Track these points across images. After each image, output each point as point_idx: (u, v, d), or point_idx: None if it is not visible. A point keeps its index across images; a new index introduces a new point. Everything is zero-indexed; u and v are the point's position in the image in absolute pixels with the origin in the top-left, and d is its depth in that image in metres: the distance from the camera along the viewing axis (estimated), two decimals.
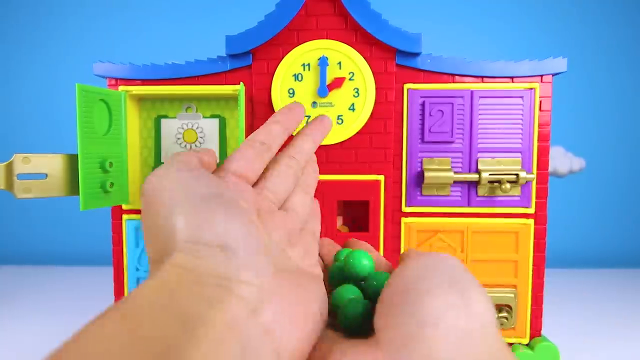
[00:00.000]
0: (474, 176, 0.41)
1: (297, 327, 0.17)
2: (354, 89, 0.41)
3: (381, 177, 0.42)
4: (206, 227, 0.17)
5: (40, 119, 0.86)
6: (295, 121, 0.27)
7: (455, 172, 0.41)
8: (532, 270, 0.42)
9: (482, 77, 0.41)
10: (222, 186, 0.20)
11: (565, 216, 0.84)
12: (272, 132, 0.25)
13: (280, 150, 0.26)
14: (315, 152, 0.42)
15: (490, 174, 0.40)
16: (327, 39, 0.41)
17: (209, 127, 0.45)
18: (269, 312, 0.16)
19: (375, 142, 0.42)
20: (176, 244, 0.17)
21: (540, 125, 0.41)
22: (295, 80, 0.41)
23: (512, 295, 0.42)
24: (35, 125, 0.86)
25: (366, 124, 0.41)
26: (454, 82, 0.41)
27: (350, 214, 0.47)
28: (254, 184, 0.23)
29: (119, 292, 0.44)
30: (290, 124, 0.27)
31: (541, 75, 0.41)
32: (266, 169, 0.25)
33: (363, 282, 0.22)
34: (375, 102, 0.41)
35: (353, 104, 0.41)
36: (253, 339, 0.15)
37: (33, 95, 0.86)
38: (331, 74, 0.41)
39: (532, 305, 0.42)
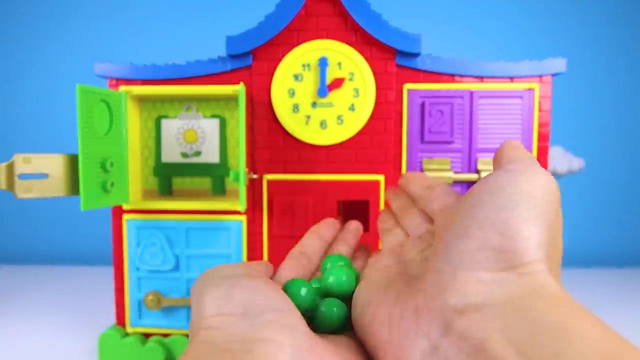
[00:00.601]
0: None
1: None
2: (354, 89, 0.41)
3: (381, 177, 0.42)
4: (227, 299, 0.17)
5: (41, 119, 0.86)
6: (331, 231, 0.30)
7: (455, 172, 0.41)
8: None
9: (482, 77, 0.41)
10: (252, 270, 0.20)
11: (564, 216, 0.84)
12: (309, 244, 0.27)
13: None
14: (316, 153, 0.42)
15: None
16: (327, 39, 0.41)
17: (209, 127, 0.45)
18: None
19: (375, 142, 0.42)
20: (202, 321, 0.17)
21: (539, 126, 0.41)
22: (295, 80, 0.41)
23: None
24: (35, 125, 0.86)
25: (366, 124, 0.41)
26: (453, 82, 0.41)
27: (350, 214, 0.47)
28: None
29: (119, 292, 0.44)
30: (326, 233, 0.29)
31: (540, 76, 0.41)
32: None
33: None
34: (375, 103, 0.41)
35: (353, 104, 0.41)
36: None
37: (34, 95, 0.86)
38: (331, 74, 0.41)
39: None
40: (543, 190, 0.17)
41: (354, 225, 0.31)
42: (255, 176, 0.42)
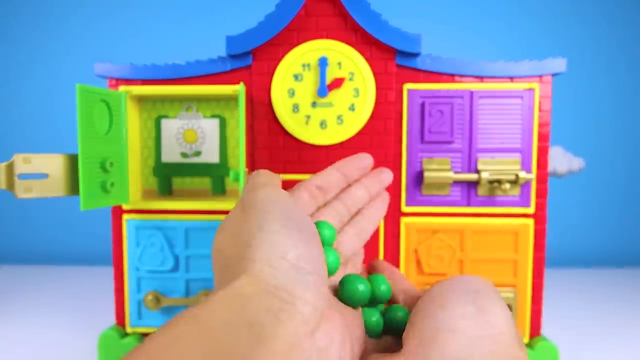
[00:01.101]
0: (473, 176, 0.41)
1: (344, 350, 0.18)
2: (353, 89, 0.41)
3: None
4: (287, 249, 0.18)
5: (41, 119, 0.86)
6: (356, 169, 0.30)
7: (455, 172, 0.41)
8: (532, 270, 0.42)
9: (482, 77, 0.41)
10: (301, 214, 0.21)
11: (564, 216, 0.84)
12: (329, 178, 0.28)
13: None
14: (316, 153, 0.42)
15: (489, 174, 0.41)
16: (327, 39, 0.41)
17: (209, 127, 0.45)
18: (323, 333, 0.17)
19: (375, 142, 0.42)
20: (255, 260, 0.18)
21: (539, 125, 0.41)
22: (295, 80, 0.41)
23: (512, 295, 0.42)
24: (35, 125, 0.86)
25: (366, 124, 0.41)
26: (453, 82, 0.41)
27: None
28: None
29: (118, 292, 0.44)
30: (350, 172, 0.29)
31: (541, 76, 0.41)
32: (319, 211, 0.27)
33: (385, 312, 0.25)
34: (375, 103, 0.41)
35: (353, 104, 0.41)
36: (309, 357, 0.16)
37: (34, 95, 0.86)
38: (331, 74, 0.41)
39: (531, 305, 0.42)
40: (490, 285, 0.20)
41: (385, 175, 0.31)
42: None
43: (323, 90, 0.41)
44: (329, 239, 0.24)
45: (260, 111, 0.42)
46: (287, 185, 0.42)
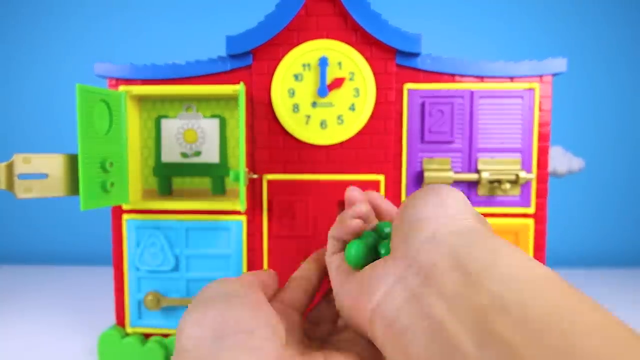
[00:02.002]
0: (473, 176, 0.41)
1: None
2: (354, 89, 0.41)
3: (381, 177, 0.42)
4: (201, 321, 0.19)
5: (41, 119, 0.86)
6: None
7: (455, 172, 0.41)
8: None
9: (482, 77, 0.41)
10: (245, 286, 0.22)
11: (564, 216, 0.84)
12: (308, 269, 0.30)
13: None
14: (316, 153, 0.42)
15: (490, 174, 0.41)
16: (327, 39, 0.41)
17: (209, 127, 0.45)
18: None
19: (375, 142, 0.42)
20: (178, 344, 0.19)
21: (540, 125, 0.41)
22: (295, 80, 0.41)
23: None
24: (35, 125, 0.86)
25: (366, 124, 0.41)
26: (453, 82, 0.41)
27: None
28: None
29: (119, 292, 0.44)
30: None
31: (541, 76, 0.41)
32: None
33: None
34: (375, 102, 0.41)
35: (353, 104, 0.41)
36: None
37: (33, 95, 0.86)
38: (331, 74, 0.41)
39: None
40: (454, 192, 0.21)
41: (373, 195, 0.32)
42: (255, 176, 0.42)
43: (323, 90, 0.41)
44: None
45: (260, 111, 0.42)
46: (290, 185, 0.42)
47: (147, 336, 0.44)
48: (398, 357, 0.17)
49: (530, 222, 0.42)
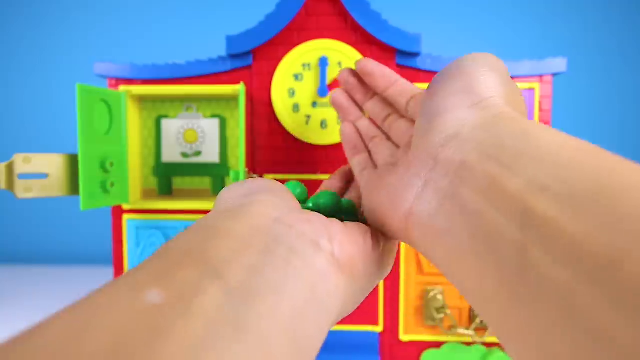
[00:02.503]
0: None
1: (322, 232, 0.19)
2: None
3: None
4: (238, 187, 0.21)
5: (41, 119, 0.86)
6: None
7: None
8: None
9: None
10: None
11: None
12: (334, 179, 0.31)
13: None
14: (316, 152, 0.42)
15: None
16: (327, 38, 0.41)
17: (209, 127, 0.45)
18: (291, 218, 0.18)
19: None
20: (218, 201, 0.21)
21: None
22: (295, 80, 0.41)
23: None
24: (35, 125, 0.86)
25: None
26: None
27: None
28: None
29: None
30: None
31: (541, 75, 0.41)
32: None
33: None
34: None
35: None
36: (279, 234, 0.16)
37: (33, 95, 0.86)
38: (331, 74, 0.41)
39: None
40: (494, 59, 0.20)
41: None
42: (255, 176, 0.42)
43: (323, 90, 0.41)
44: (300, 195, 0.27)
45: (261, 111, 0.42)
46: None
47: None
48: (440, 257, 0.16)
49: None
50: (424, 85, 0.41)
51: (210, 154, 0.45)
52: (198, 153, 0.45)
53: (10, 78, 0.86)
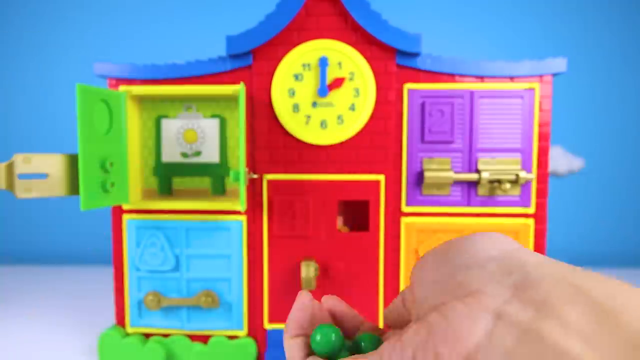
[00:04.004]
0: (473, 176, 0.41)
1: None
2: (354, 89, 0.41)
3: (381, 177, 0.42)
4: None
5: (41, 119, 0.86)
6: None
7: (455, 172, 0.41)
8: None
9: (482, 77, 0.41)
10: None
11: (564, 216, 0.84)
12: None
13: None
14: (316, 153, 0.42)
15: (490, 174, 0.41)
16: (327, 38, 0.41)
17: (209, 127, 0.45)
18: None
19: (375, 142, 0.42)
20: None
21: (540, 125, 0.41)
22: (295, 80, 0.41)
23: None
24: (35, 125, 0.86)
25: (366, 123, 0.41)
26: (454, 82, 0.41)
27: (350, 213, 0.47)
28: None
29: (119, 292, 0.44)
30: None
31: (541, 75, 0.41)
32: None
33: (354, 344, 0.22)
34: (375, 102, 0.41)
35: (353, 104, 0.41)
36: None
37: (34, 95, 0.86)
38: (331, 74, 0.41)
39: None
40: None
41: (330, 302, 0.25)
42: (255, 176, 0.42)
43: (323, 90, 0.41)
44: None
45: (261, 111, 0.42)
46: (290, 185, 0.42)
47: (147, 336, 0.44)
48: None
49: (531, 222, 0.42)
50: (424, 85, 0.41)
51: (210, 154, 0.45)
52: (198, 153, 0.45)
53: (10, 78, 0.86)
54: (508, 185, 0.40)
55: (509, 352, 0.14)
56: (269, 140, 0.42)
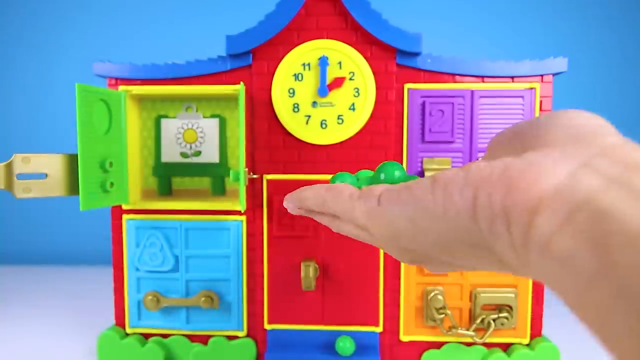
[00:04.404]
0: None
1: None
2: (354, 89, 0.41)
3: None
4: None
5: (40, 119, 0.86)
6: None
7: None
8: None
9: (483, 76, 0.41)
10: None
11: None
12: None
13: None
14: (316, 152, 0.42)
15: None
16: (327, 38, 0.41)
17: (209, 127, 0.45)
18: None
19: (375, 142, 0.41)
20: None
21: None
22: (295, 80, 0.41)
23: (513, 295, 0.42)
24: (35, 125, 0.86)
25: (366, 123, 0.41)
26: (454, 82, 0.41)
27: None
28: None
29: (118, 292, 0.44)
30: None
31: (542, 75, 0.41)
32: None
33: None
34: (375, 102, 0.41)
35: (353, 104, 0.41)
36: None
37: (33, 94, 0.86)
38: (331, 74, 0.41)
39: (532, 305, 0.42)
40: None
41: None
42: (255, 176, 0.42)
43: (323, 89, 0.41)
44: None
45: (261, 111, 0.42)
46: (290, 185, 0.42)
47: (146, 337, 0.44)
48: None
49: None
50: (424, 85, 0.41)
51: (210, 154, 0.45)
52: (198, 153, 0.45)
53: (9, 78, 0.86)
54: None
55: (593, 192, 0.12)
56: (269, 140, 0.42)
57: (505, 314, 0.42)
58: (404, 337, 0.43)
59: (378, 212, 0.18)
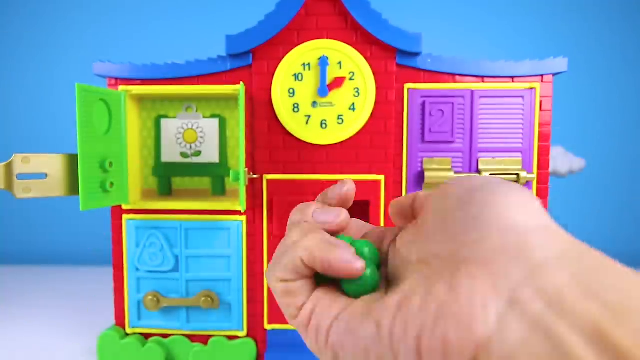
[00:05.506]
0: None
1: None
2: (354, 89, 0.41)
3: (381, 177, 0.42)
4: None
5: (40, 119, 0.86)
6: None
7: (456, 172, 0.41)
8: None
9: (483, 76, 0.41)
10: None
11: (565, 216, 0.84)
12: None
13: None
14: (316, 152, 0.42)
15: (490, 174, 0.40)
16: (327, 38, 0.41)
17: (209, 127, 0.45)
18: None
19: (375, 142, 0.42)
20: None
21: (540, 125, 0.41)
22: (295, 80, 0.41)
23: None
24: (35, 125, 0.86)
25: (366, 123, 0.41)
26: (454, 82, 0.41)
27: (350, 214, 0.46)
28: None
29: (118, 292, 0.44)
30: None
31: (542, 75, 0.41)
32: None
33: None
34: (375, 102, 0.41)
35: (353, 104, 0.41)
36: None
37: (33, 95, 0.86)
38: (331, 74, 0.41)
39: None
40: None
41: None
42: (255, 176, 0.42)
43: (323, 89, 0.41)
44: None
45: (261, 111, 0.42)
46: (290, 185, 0.42)
47: (146, 337, 0.44)
48: None
49: None
50: (424, 85, 0.41)
51: (210, 154, 0.45)
52: (198, 153, 0.45)
53: (9, 78, 0.86)
54: None
55: (517, 346, 0.14)
56: (269, 140, 0.42)
57: None
58: None
59: (325, 348, 0.19)
